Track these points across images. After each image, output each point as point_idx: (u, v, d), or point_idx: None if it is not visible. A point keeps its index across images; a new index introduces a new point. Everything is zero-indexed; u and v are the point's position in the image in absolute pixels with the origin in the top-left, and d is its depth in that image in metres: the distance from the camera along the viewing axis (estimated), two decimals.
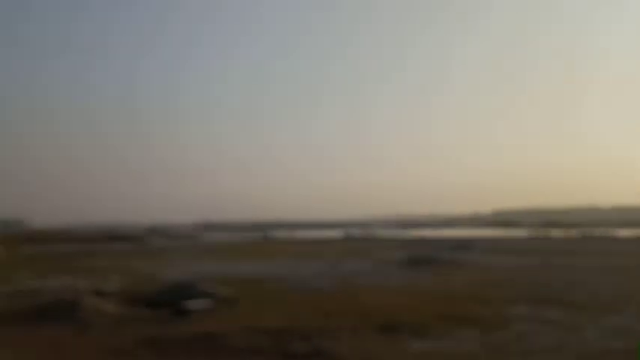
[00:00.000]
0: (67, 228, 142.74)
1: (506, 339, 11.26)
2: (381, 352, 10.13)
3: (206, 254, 40.88)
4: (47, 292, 19.89)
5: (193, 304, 15.08)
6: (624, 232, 73.57)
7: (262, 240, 71.31)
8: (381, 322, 12.89)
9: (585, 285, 18.94)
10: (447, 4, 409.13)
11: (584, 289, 17.93)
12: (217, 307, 15.22)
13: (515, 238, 67.68)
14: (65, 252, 48.04)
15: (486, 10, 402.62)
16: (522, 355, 9.83)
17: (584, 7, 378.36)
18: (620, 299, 15.78)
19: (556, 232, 77.58)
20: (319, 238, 73.96)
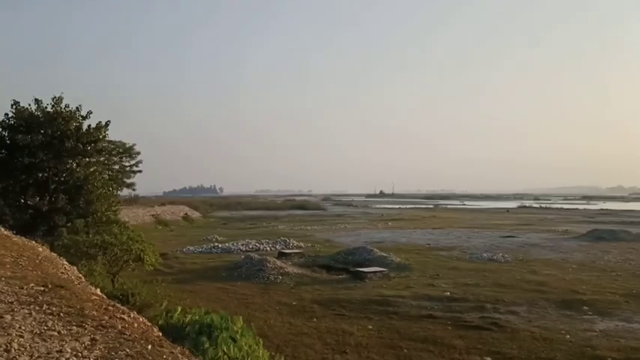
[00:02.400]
0: (253, 196, 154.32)
1: None
2: (561, 329, 9.70)
3: (379, 222, 41.73)
4: (237, 251, 21.97)
5: (368, 269, 15.64)
6: None
7: (434, 210, 70.73)
8: (561, 297, 12.30)
9: None
10: None
11: None
12: (391, 274, 15.61)
13: None
14: (252, 217, 52.19)
15: None
16: None
17: None
18: None
19: None
20: (492, 209, 71.38)
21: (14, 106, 16.06)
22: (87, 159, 17.47)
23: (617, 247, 22.56)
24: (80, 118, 16.59)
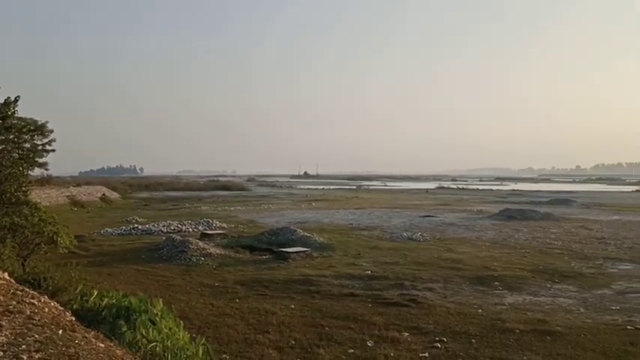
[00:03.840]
0: (175, 177, 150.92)
1: (606, 296, 10.94)
2: (474, 304, 10.18)
3: (303, 203, 41.97)
4: (158, 233, 21.47)
5: (291, 250, 15.73)
6: None
7: (356, 191, 71.93)
8: (475, 274, 12.89)
9: None
10: None
11: None
12: (314, 253, 15.78)
13: (619, 193, 63.85)
14: (174, 198, 51.06)
15: None
16: (624, 313, 9.53)
17: None
18: None
19: None
20: (412, 190, 73.50)
21: None
22: None
23: (526, 225, 23.86)
24: None
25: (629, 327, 8.62)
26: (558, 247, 17.37)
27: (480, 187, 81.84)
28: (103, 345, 3.42)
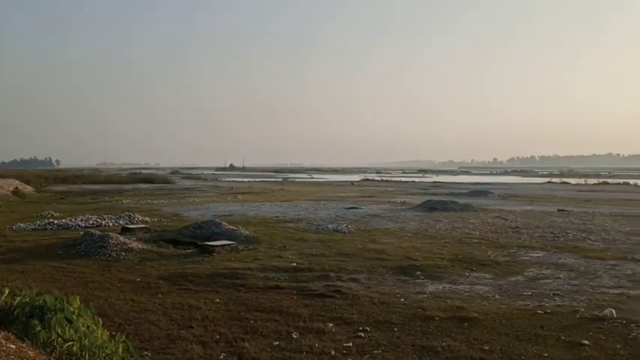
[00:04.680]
0: (94, 169, 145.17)
1: (519, 282, 11.52)
2: (397, 293, 10.45)
3: (228, 196, 41.50)
4: (76, 228, 20.60)
5: (216, 243, 15.53)
6: None
7: (282, 183, 71.94)
8: (398, 264, 13.21)
9: (602, 232, 19.00)
10: None
11: (600, 237, 18.01)
12: (239, 246, 15.66)
13: (532, 184, 67.36)
14: (93, 191, 49.13)
15: None
16: (534, 298, 10.08)
17: None
18: (637, 248, 15.85)
19: (573, 180, 76.75)
20: (338, 182, 74.35)
21: None
22: None
23: (447, 216, 24.71)
24: None
25: (539, 311, 9.12)
26: (476, 237, 18.11)
27: (404, 180, 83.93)
28: (14, 346, 3.26)
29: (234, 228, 18.22)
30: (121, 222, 22.34)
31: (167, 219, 23.89)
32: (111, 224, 21.83)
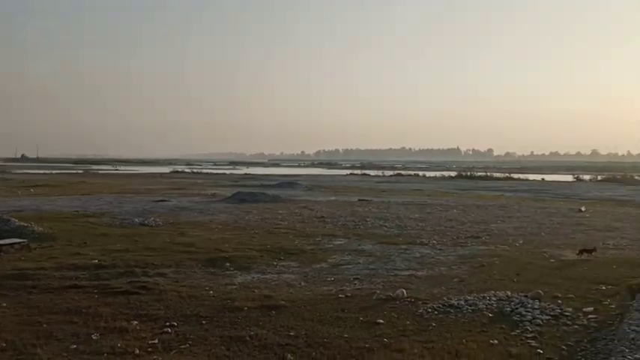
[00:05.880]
0: None
1: (323, 269, 12.14)
2: (205, 286, 10.34)
3: (20, 189, 37.47)
4: None
5: (3, 242, 13.91)
6: (431, 173, 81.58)
7: (84, 175, 66.99)
8: (207, 256, 13.09)
9: (396, 220, 20.83)
10: None
11: (394, 224, 19.73)
12: (31, 244, 14.23)
13: (336, 176, 71.56)
14: None
15: None
16: (337, 283, 10.70)
17: None
18: (424, 233, 17.66)
19: (372, 172, 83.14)
20: (146, 174, 71.42)
21: None
22: None
23: (256, 207, 25.10)
24: None
25: (341, 295, 9.71)
26: (284, 227, 18.67)
27: (215, 172, 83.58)
28: None
29: (25, 224, 16.49)
30: None
31: None
32: None
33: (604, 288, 10.13)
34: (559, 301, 9.09)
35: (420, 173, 78.74)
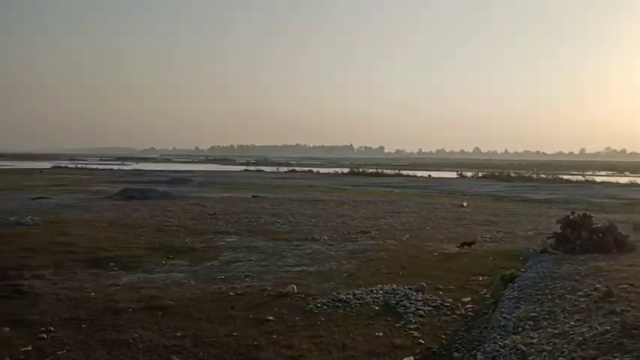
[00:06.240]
0: None
1: (214, 267, 11.96)
2: (87, 287, 9.83)
3: None
4: None
5: None
6: (325, 169, 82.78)
7: None
8: (90, 256, 12.46)
9: (289, 216, 20.94)
10: None
11: (287, 220, 19.83)
12: None
13: (230, 172, 70.77)
14: None
15: None
16: (228, 281, 10.57)
17: None
18: (316, 229, 17.88)
19: (267, 168, 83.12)
20: (24, 169, 66.62)
21: None
22: None
23: (145, 204, 24.20)
24: None
25: (231, 293, 9.61)
26: (175, 225, 18.15)
27: (101, 167, 79.77)
28: None
29: None
30: None
31: None
32: None
33: (481, 279, 10.83)
34: (440, 293, 9.61)
35: (315, 169, 79.70)
